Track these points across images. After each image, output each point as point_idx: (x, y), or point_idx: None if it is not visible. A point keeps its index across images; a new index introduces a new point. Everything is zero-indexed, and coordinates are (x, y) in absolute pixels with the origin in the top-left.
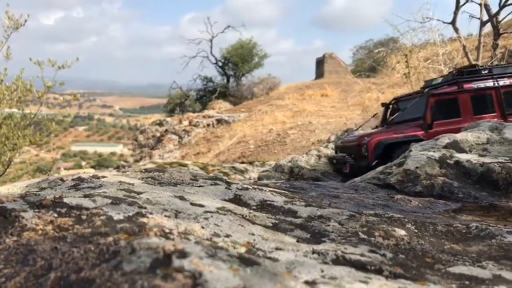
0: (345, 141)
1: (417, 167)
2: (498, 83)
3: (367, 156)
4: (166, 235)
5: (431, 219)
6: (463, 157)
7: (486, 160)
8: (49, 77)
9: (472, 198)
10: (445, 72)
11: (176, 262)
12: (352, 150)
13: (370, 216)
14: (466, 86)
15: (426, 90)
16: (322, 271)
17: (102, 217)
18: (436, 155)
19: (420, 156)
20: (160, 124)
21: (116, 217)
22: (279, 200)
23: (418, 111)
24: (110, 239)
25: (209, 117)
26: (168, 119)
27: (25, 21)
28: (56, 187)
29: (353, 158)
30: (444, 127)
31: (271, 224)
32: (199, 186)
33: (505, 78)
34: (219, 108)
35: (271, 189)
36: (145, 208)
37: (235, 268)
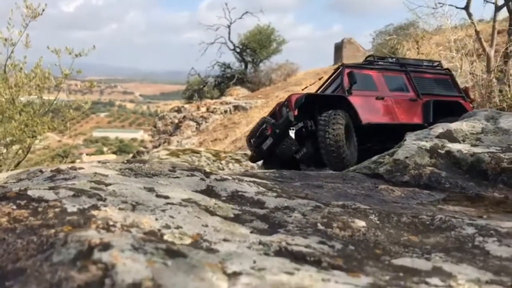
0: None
1: (406, 157)
2: (406, 69)
3: (288, 110)
4: (108, 227)
5: (405, 209)
6: (454, 147)
7: (477, 150)
8: (67, 64)
9: (459, 188)
10: (457, 58)
11: (96, 255)
12: (273, 115)
13: (336, 207)
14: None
15: (341, 64)
16: (255, 262)
17: (56, 210)
18: (428, 144)
19: (411, 145)
20: (179, 110)
21: (70, 209)
22: (251, 191)
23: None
24: (53, 231)
25: (227, 103)
26: (186, 105)
27: (43, 10)
28: (33, 178)
29: (274, 119)
30: (363, 95)
31: (232, 215)
32: (175, 177)
33: (413, 67)
34: (237, 94)
35: (252, 179)
36: (104, 200)
37: (153, 261)
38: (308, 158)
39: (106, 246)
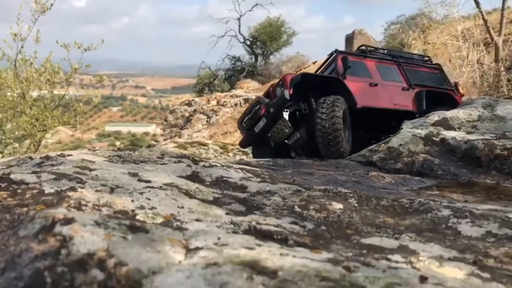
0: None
1: (400, 145)
2: (398, 60)
3: (283, 89)
4: (80, 206)
5: (391, 195)
6: (449, 134)
7: (472, 137)
8: (78, 59)
9: (451, 175)
10: (464, 48)
11: (57, 229)
12: (267, 96)
13: (317, 191)
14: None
15: (335, 50)
16: (219, 239)
17: (34, 191)
18: (423, 132)
19: (406, 133)
20: (189, 104)
21: (47, 191)
22: (236, 176)
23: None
24: (25, 209)
25: (237, 96)
26: (197, 99)
27: (51, 4)
28: (22, 164)
29: (268, 98)
30: (356, 81)
31: (211, 199)
32: (162, 164)
33: (404, 59)
34: (247, 87)
35: (242, 166)
36: (84, 183)
37: (112, 234)
38: (301, 144)
39: (68, 221)
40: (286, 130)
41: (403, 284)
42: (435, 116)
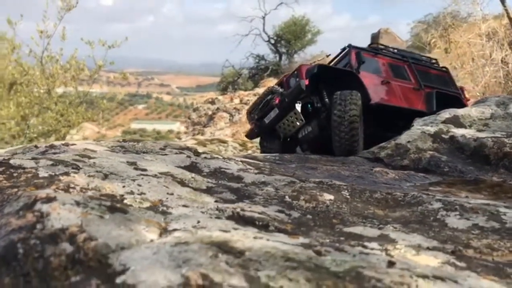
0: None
1: (408, 141)
2: (408, 60)
3: (298, 79)
4: (68, 189)
5: (391, 189)
6: (458, 132)
7: (481, 135)
8: (103, 56)
9: (458, 172)
10: (488, 47)
11: (37, 206)
12: (281, 85)
13: (312, 183)
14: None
15: (348, 45)
16: (199, 222)
17: (29, 175)
18: (432, 129)
19: (415, 130)
20: (212, 102)
21: (41, 175)
22: (234, 168)
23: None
24: (15, 190)
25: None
26: (220, 97)
27: (77, 2)
28: (28, 152)
29: (282, 87)
30: (370, 77)
31: (205, 187)
32: (163, 155)
33: (413, 60)
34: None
35: (245, 160)
36: (79, 169)
37: (88, 213)
38: (311, 138)
39: (49, 200)
40: (298, 123)
41: (367, 268)
42: (446, 114)
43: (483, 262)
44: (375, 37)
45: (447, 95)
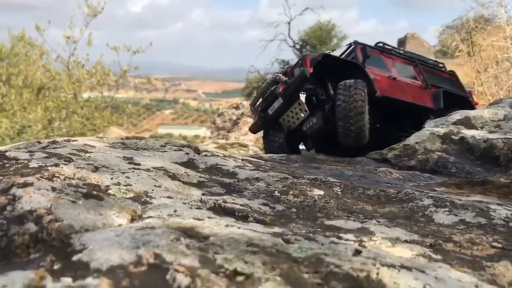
0: None
1: (417, 142)
2: (415, 61)
3: (302, 68)
4: (52, 178)
5: (392, 189)
6: (469, 133)
7: (492, 136)
8: (129, 61)
9: (465, 173)
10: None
11: (12, 190)
12: (286, 75)
13: (305, 179)
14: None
15: (354, 41)
16: (175, 211)
17: (19, 165)
18: (442, 131)
19: (424, 132)
20: (237, 107)
21: (32, 165)
22: (231, 165)
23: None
24: (1, 178)
25: None
26: (244, 102)
27: (102, 8)
28: (30, 147)
29: (285, 76)
30: (375, 72)
31: (195, 182)
32: (162, 152)
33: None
34: None
35: (247, 158)
36: (71, 161)
37: (61, 198)
38: (316, 130)
39: (25, 185)
40: (302, 114)
41: (331, 255)
42: (457, 115)
43: (461, 255)
44: (401, 42)
45: (455, 95)
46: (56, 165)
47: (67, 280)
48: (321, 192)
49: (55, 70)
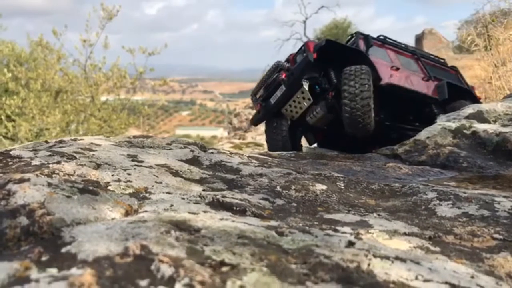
0: None
1: (427, 137)
2: (417, 54)
3: (305, 54)
4: (51, 174)
5: (398, 182)
6: (481, 127)
7: (505, 130)
8: (151, 65)
9: (477, 167)
10: None
11: (8, 186)
12: (288, 63)
13: (309, 175)
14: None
15: (355, 32)
16: (172, 206)
17: (22, 163)
18: (454, 125)
19: (436, 126)
20: (253, 107)
21: (34, 163)
22: (235, 161)
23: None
24: (1, 174)
25: None
26: None
27: (117, 11)
28: (37, 146)
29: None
30: (379, 61)
31: (198, 178)
32: (168, 149)
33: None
34: None
35: (254, 155)
36: (73, 159)
37: (55, 193)
38: (320, 120)
39: (21, 181)
40: (305, 103)
41: (322, 247)
42: (469, 109)
43: (460, 248)
44: (419, 38)
45: (459, 87)
46: (58, 162)
47: (52, 270)
48: (324, 187)
49: (73, 73)
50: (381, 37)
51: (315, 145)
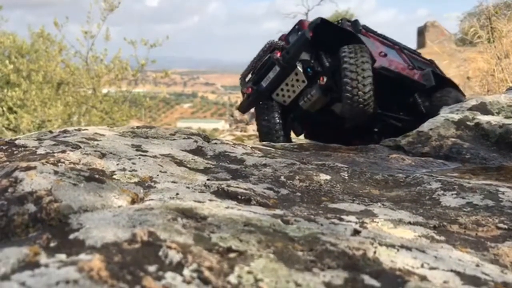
0: None
1: (430, 129)
2: (399, 45)
3: (302, 31)
4: (56, 163)
5: (402, 173)
6: (484, 118)
7: (508, 121)
8: (153, 57)
9: (480, 159)
10: None
11: (15, 174)
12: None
13: (313, 165)
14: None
15: (341, 18)
16: (177, 194)
17: (27, 152)
18: (457, 117)
19: (439, 118)
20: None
21: (39, 152)
22: (239, 152)
23: None
24: (8, 163)
25: None
26: None
27: (119, 2)
28: (41, 136)
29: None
30: (369, 46)
31: (202, 168)
32: (171, 140)
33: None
34: None
35: (257, 146)
36: (78, 148)
37: (62, 180)
38: (314, 103)
39: (28, 169)
40: (299, 85)
41: (328, 235)
42: (472, 101)
43: (465, 237)
44: (421, 31)
45: (442, 77)
46: (63, 151)
47: (61, 256)
48: (328, 177)
49: (74, 65)
50: (365, 26)
51: (301, 136)
